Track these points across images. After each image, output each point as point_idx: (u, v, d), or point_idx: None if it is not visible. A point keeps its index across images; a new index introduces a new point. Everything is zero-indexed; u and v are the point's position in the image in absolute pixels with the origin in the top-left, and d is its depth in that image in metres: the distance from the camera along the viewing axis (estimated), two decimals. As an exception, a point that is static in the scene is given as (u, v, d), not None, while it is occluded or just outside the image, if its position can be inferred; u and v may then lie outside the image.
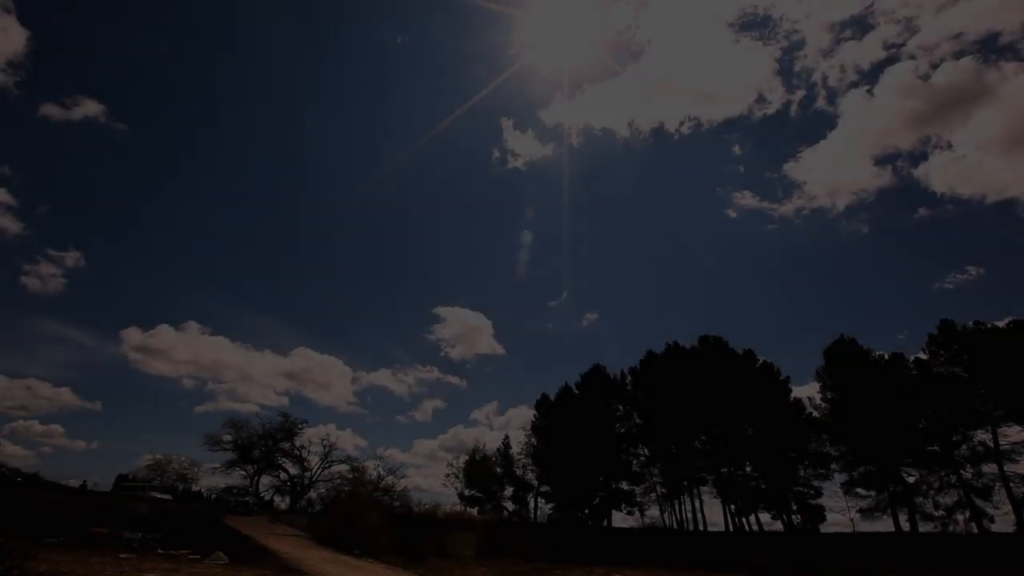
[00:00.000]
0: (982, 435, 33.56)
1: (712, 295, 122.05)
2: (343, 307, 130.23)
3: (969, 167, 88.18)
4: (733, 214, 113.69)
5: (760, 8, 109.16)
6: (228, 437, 45.43)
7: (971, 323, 35.11)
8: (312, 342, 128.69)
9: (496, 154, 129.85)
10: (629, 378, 46.82)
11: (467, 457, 49.44)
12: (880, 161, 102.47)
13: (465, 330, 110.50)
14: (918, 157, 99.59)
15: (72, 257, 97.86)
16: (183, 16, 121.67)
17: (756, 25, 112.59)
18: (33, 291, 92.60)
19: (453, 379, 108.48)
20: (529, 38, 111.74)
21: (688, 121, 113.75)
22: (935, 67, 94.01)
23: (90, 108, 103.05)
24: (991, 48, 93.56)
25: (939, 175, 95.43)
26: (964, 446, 34.24)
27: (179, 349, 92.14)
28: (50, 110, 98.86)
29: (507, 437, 50.93)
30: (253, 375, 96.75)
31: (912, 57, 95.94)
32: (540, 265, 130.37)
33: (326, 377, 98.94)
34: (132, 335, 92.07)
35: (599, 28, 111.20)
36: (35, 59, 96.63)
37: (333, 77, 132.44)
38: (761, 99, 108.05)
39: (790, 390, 41.01)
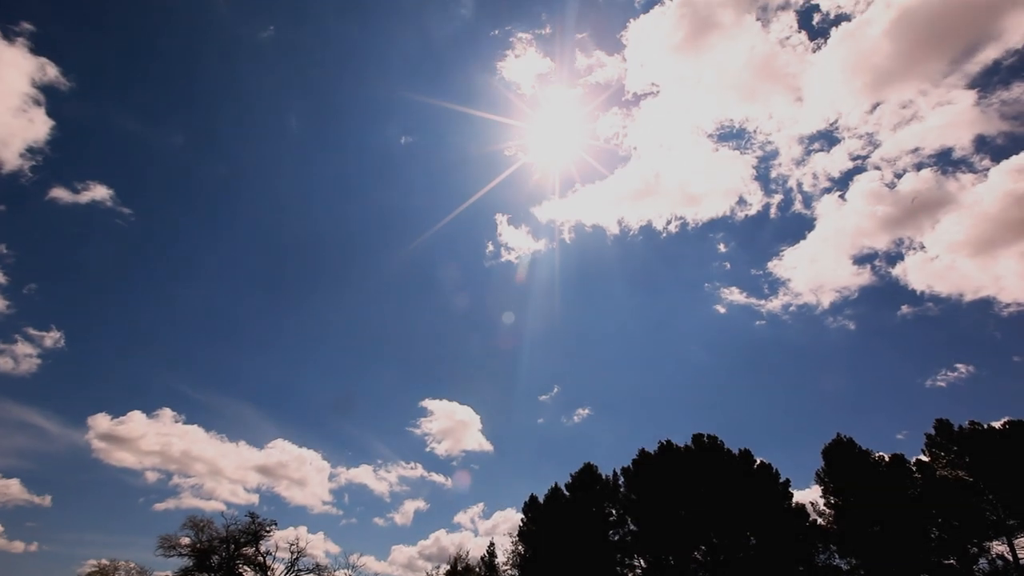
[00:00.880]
0: (999, 547, 31.46)
1: (703, 390, 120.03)
2: (326, 396, 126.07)
3: (943, 267, 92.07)
4: (722, 309, 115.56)
5: (735, 122, 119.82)
6: (187, 540, 41.33)
7: (967, 423, 34.45)
8: (291, 434, 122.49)
9: (490, 247, 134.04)
10: (622, 479, 44.39)
11: (448, 568, 45.19)
12: (858, 261, 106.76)
13: (452, 424, 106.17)
14: (894, 257, 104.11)
15: (51, 337, 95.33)
16: (199, 110, 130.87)
17: (732, 136, 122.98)
18: (2, 371, 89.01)
19: (438, 477, 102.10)
20: (525, 143, 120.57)
21: (675, 220, 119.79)
22: (899, 176, 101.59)
23: (98, 192, 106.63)
24: (946, 161, 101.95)
25: (916, 274, 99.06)
26: (982, 559, 31.93)
27: (148, 438, 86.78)
28: (60, 193, 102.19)
29: (492, 544, 46.94)
30: (223, 469, 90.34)
31: (877, 168, 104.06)
32: (531, 358, 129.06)
33: (302, 472, 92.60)
34: (100, 422, 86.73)
35: (589, 135, 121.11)
36: (54, 146, 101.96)
37: (335, 173, 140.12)
38: (742, 201, 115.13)
39: (791, 494, 38.86)
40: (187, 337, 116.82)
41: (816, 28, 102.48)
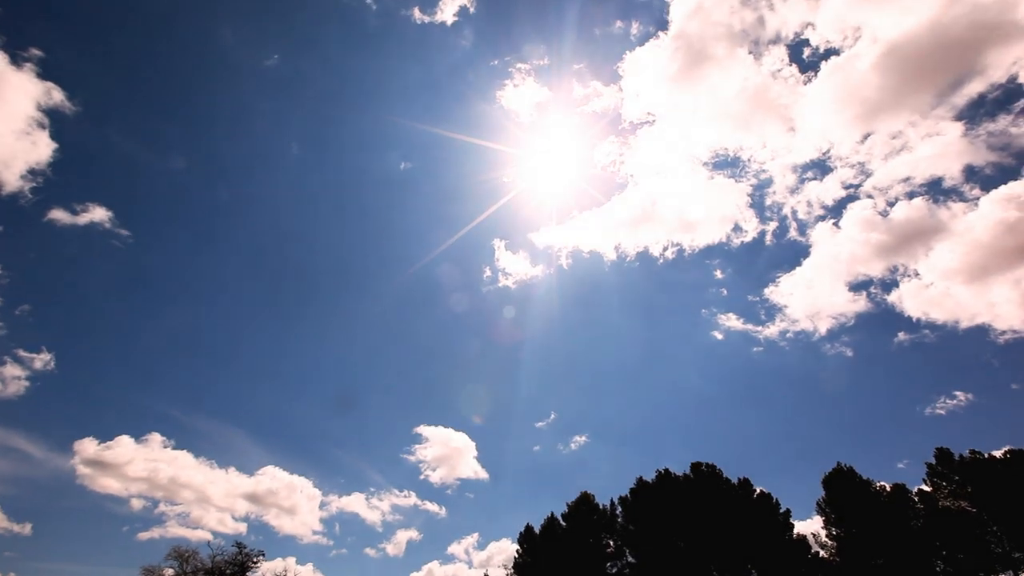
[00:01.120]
0: (1006, 581, 30.72)
1: (701, 417, 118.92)
2: (319, 422, 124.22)
3: (938, 294, 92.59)
4: (720, 336, 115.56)
5: (730, 151, 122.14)
6: (170, 571, 40.15)
7: (968, 452, 34.08)
8: (282, 460, 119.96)
9: (488, 272, 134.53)
10: (619, 509, 43.47)
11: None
12: (854, 287, 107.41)
13: (448, 451, 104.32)
14: (889, 284, 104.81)
15: (42, 359, 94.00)
16: (202, 135, 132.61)
17: (727, 165, 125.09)
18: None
19: (432, 506, 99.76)
20: (523, 170, 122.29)
21: (671, 247, 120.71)
22: (891, 205, 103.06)
23: (97, 214, 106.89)
24: (937, 190, 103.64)
25: (912, 301, 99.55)
26: (989, 595, 31.14)
27: (135, 464, 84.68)
28: (58, 215, 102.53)
29: (486, 576, 45.64)
30: (212, 496, 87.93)
31: (870, 196, 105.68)
32: (528, 384, 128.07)
33: (292, 500, 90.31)
34: (86, 447, 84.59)
35: (587, 162, 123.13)
36: (56, 168, 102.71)
37: (335, 198, 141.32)
38: (738, 228, 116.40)
39: (792, 525, 38.06)
40: (181, 361, 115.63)
41: (806, 62, 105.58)
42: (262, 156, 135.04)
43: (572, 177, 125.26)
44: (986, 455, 33.85)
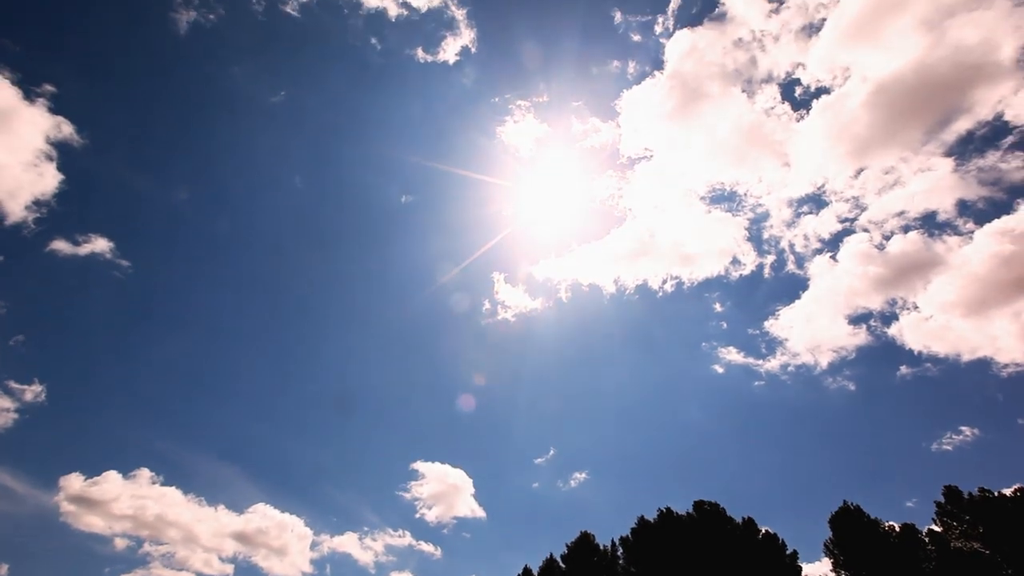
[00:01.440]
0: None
1: (703, 453, 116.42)
2: (313, 457, 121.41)
3: (938, 327, 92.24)
4: (720, 369, 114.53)
5: (727, 185, 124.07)
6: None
7: (977, 490, 33.20)
8: (274, 498, 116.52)
9: (487, 305, 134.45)
10: (621, 549, 42.01)
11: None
12: (854, 320, 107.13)
13: (444, 488, 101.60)
14: (889, 317, 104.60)
15: (33, 391, 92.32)
16: (206, 167, 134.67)
17: (724, 199, 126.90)
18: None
19: (427, 546, 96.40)
20: (522, 203, 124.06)
21: (671, 280, 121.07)
22: (887, 238, 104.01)
23: (98, 245, 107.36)
24: (932, 224, 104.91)
25: (912, 334, 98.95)
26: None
27: (121, 501, 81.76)
28: (60, 245, 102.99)
29: (482, 623, 43.66)
30: (199, 535, 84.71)
31: (866, 230, 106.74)
32: (527, 419, 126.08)
33: (282, 540, 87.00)
34: (72, 482, 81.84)
35: (585, 197, 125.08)
36: (61, 199, 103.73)
37: (335, 232, 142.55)
38: (736, 261, 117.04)
39: (800, 567, 36.70)
40: (175, 394, 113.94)
41: (798, 100, 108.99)
42: (265, 189, 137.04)
43: (571, 211, 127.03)
44: (996, 493, 32.99)
